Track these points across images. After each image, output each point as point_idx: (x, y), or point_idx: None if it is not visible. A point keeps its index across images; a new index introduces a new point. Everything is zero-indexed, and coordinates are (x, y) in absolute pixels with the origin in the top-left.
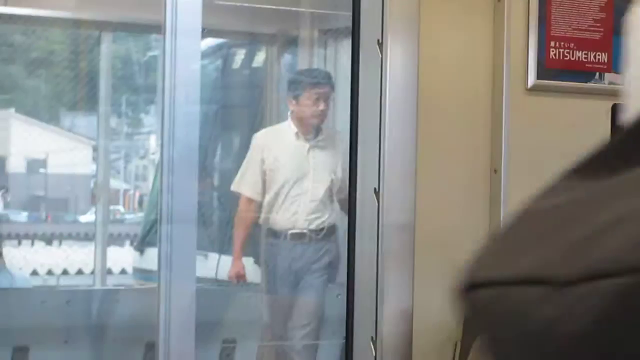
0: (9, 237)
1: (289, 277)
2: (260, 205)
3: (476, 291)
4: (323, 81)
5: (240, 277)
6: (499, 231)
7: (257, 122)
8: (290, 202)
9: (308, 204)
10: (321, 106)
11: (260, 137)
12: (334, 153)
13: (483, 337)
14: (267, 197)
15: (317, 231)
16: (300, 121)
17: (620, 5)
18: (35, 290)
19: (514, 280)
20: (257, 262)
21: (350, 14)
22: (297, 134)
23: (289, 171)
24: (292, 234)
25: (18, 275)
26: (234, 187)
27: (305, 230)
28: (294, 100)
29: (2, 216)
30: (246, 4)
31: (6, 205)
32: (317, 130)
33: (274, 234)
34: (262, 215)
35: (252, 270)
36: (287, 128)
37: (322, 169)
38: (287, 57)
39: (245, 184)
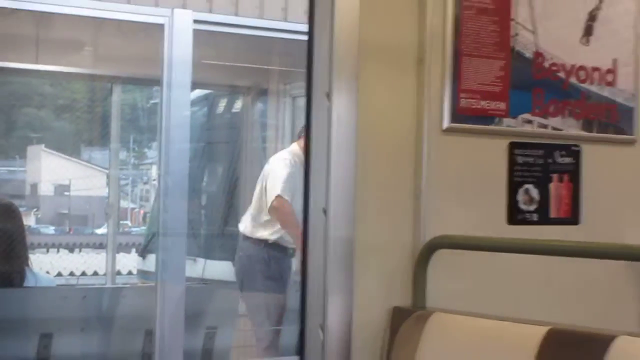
0: (39, 246)
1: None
2: None
3: None
4: None
5: None
6: None
7: (235, 155)
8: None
9: None
10: None
11: (290, 155)
12: None
13: None
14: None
15: None
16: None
17: (516, 66)
18: (59, 288)
19: None
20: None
21: (305, 71)
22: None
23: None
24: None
25: (44, 276)
26: (281, 193)
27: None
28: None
29: (34, 229)
30: (227, 63)
31: (37, 221)
32: None
33: (283, 250)
34: (272, 232)
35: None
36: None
37: None
38: (259, 105)
39: (286, 193)
